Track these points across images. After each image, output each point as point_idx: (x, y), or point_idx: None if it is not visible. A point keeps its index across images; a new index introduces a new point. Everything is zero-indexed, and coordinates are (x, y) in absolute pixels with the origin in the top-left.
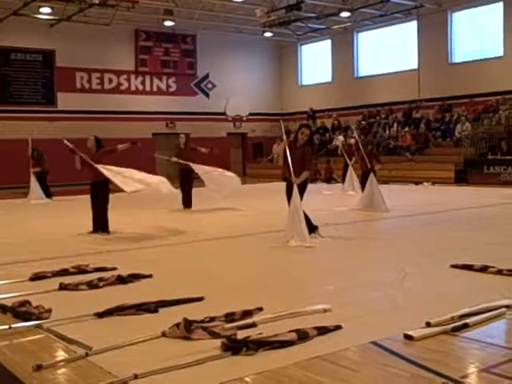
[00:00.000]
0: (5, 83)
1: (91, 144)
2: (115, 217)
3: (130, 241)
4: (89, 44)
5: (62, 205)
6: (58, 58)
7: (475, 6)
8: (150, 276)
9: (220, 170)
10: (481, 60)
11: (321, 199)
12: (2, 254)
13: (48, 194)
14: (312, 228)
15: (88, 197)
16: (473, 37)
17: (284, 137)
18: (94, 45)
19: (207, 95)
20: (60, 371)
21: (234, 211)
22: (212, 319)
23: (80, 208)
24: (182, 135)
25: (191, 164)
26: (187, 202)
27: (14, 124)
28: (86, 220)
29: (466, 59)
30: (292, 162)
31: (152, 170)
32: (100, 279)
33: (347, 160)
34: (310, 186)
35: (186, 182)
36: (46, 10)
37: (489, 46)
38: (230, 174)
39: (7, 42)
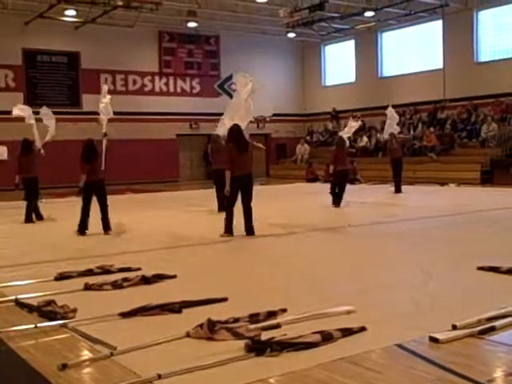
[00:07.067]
0: (31, 85)
1: None
2: (142, 218)
3: (154, 241)
4: (113, 46)
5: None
6: (82, 60)
7: (501, 5)
8: (174, 276)
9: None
10: (507, 59)
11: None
12: (28, 254)
13: None
14: (230, 229)
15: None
16: (499, 36)
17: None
18: (119, 47)
19: (230, 96)
20: (85, 370)
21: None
22: (236, 320)
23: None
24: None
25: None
26: (221, 205)
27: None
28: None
29: (492, 58)
30: None
31: (176, 171)
32: (124, 279)
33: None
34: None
35: (221, 183)
36: (71, 12)
37: None
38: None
39: (33, 44)
